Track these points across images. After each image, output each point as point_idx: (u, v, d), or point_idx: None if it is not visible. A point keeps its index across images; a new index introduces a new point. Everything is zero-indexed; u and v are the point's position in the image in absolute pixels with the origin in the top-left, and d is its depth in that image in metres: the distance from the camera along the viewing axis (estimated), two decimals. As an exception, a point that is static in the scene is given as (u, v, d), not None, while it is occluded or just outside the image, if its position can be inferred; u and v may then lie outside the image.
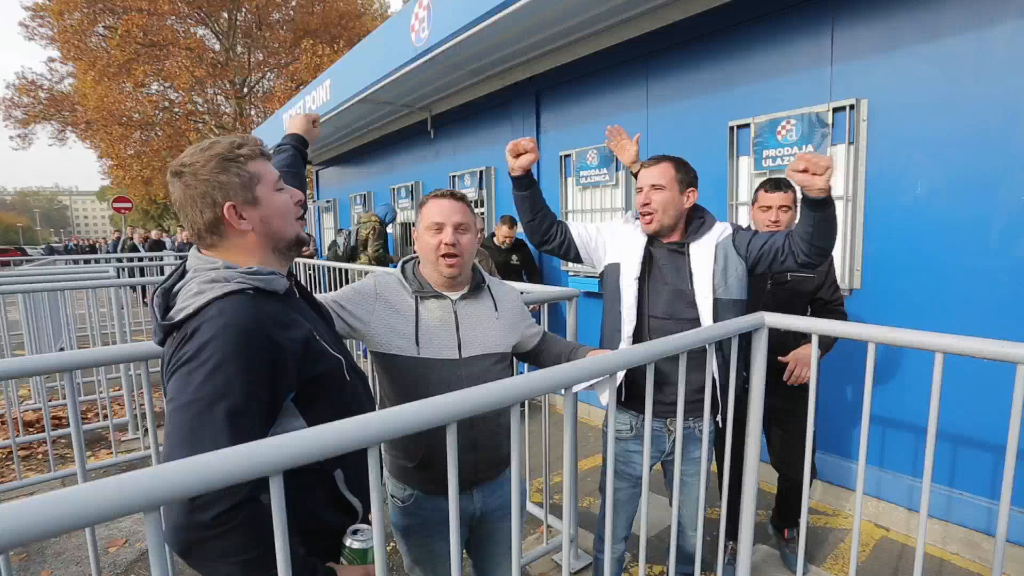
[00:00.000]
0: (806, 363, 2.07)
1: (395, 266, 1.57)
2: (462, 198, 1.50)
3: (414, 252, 1.55)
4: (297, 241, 1.09)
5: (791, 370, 2.13)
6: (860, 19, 2.76)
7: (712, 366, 1.56)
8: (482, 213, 5.64)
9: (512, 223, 4.64)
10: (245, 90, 21.36)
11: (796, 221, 1.84)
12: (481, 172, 5.60)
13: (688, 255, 1.80)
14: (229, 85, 20.87)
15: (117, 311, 4.03)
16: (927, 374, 1.34)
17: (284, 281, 1.03)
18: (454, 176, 6.00)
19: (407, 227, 7.18)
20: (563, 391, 1.13)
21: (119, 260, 8.06)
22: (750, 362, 1.71)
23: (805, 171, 1.53)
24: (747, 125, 3.22)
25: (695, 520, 1.85)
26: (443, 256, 1.43)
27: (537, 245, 1.95)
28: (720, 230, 1.83)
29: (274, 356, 0.91)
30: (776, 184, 2.25)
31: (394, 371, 1.43)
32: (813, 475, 2.15)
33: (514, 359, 1.69)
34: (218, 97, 21.81)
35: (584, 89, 4.41)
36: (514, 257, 4.71)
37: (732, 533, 2.24)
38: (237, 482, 0.69)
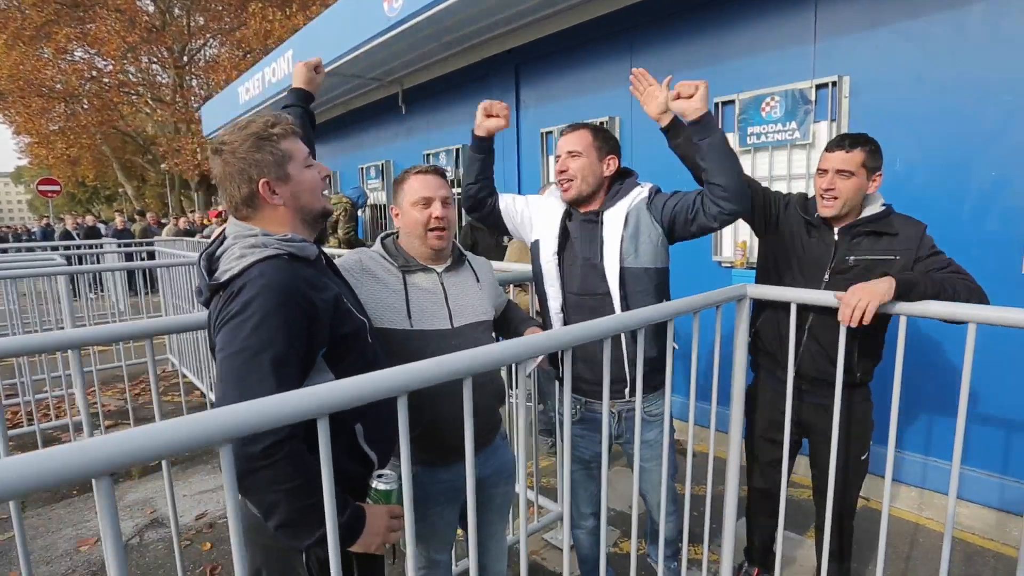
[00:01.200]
0: (870, 294, 1.53)
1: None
2: (443, 173, 1.69)
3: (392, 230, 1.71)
4: (323, 213, 1.29)
5: (849, 301, 1.56)
6: (842, -5, 3.01)
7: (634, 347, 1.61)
8: (459, 193, 5.79)
9: None
10: (185, 59, 20.80)
11: (861, 189, 1.84)
12: (457, 150, 5.74)
13: (601, 224, 1.85)
14: (167, 53, 20.29)
15: (68, 300, 4.08)
16: (893, 341, 1.59)
17: (314, 248, 1.21)
18: (428, 154, 6.13)
19: (378, 209, 7.27)
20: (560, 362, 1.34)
21: (55, 248, 7.94)
22: (733, 333, 1.94)
23: (679, 97, 1.72)
24: (732, 101, 3.47)
25: (661, 507, 1.88)
26: (432, 230, 1.60)
27: (468, 210, 2.09)
28: (635, 194, 1.87)
29: (310, 313, 1.09)
30: (839, 141, 1.86)
31: (386, 345, 1.56)
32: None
33: None
34: (154, 66, 21.19)
35: (566, 63, 4.59)
36: (506, 239, 4.82)
37: (755, 557, 2.31)
38: (295, 420, 0.87)
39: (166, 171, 21.64)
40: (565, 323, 1.91)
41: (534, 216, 2.02)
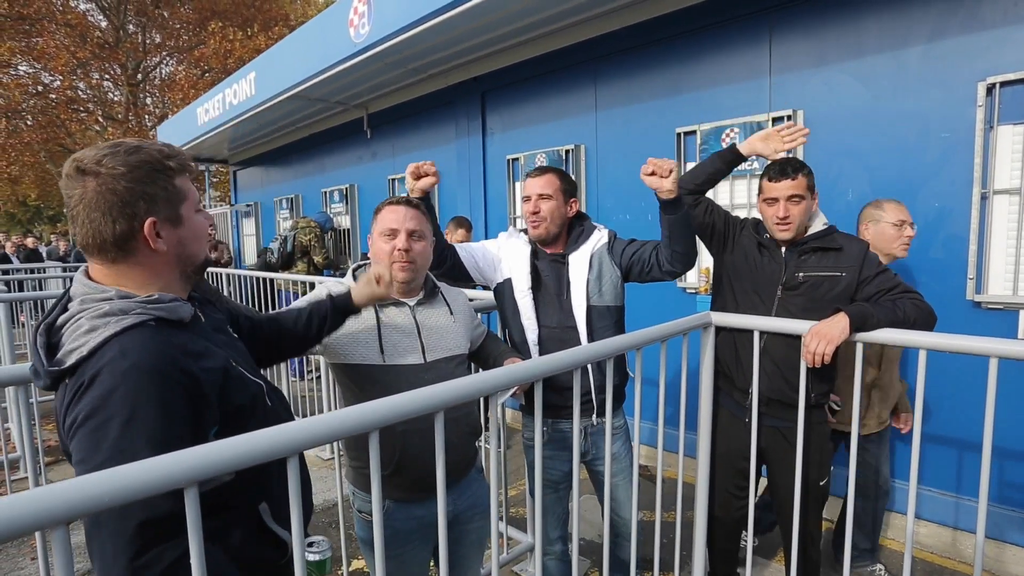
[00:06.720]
0: (828, 337, 1.68)
1: (329, 272, 1.74)
2: (417, 205, 1.69)
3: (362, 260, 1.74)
4: (205, 264, 1.12)
5: (809, 346, 1.72)
6: (794, 34, 3.20)
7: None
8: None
9: (468, 226, 4.41)
10: (139, 76, 20.34)
11: (809, 211, 2.00)
12: (423, 174, 5.76)
13: (567, 265, 2.04)
14: (120, 70, 19.80)
15: (7, 330, 3.88)
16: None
17: (189, 307, 1.01)
18: (393, 179, 6.12)
19: (340, 234, 7.20)
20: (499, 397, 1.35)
21: (-9, 274, 7.54)
22: (700, 360, 2.01)
23: (653, 174, 1.79)
24: (694, 132, 3.61)
25: (629, 526, 2.00)
26: (396, 263, 1.59)
27: (431, 268, 2.13)
28: (596, 239, 2.07)
29: (192, 390, 0.91)
30: (782, 170, 1.99)
31: (360, 382, 1.59)
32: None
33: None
34: (105, 83, 20.63)
35: (532, 91, 4.70)
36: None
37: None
38: (268, 459, 0.83)
39: (116, 191, 20.92)
40: (541, 354, 1.97)
41: (496, 257, 2.15)
